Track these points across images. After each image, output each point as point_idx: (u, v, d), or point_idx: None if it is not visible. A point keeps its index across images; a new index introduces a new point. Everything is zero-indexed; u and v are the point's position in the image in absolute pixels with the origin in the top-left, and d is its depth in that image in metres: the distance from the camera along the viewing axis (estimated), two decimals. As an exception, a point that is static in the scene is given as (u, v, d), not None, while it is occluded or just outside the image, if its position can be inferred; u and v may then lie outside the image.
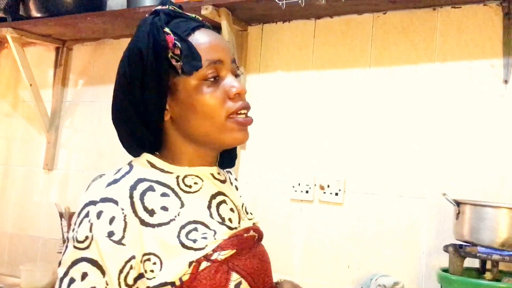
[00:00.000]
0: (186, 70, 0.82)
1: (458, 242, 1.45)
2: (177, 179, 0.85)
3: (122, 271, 0.76)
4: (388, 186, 1.75)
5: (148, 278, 0.77)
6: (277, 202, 1.92)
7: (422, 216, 1.68)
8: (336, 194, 1.82)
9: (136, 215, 0.78)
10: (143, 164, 0.86)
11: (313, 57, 1.94)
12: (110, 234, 0.76)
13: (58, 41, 2.50)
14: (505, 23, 1.62)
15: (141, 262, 0.77)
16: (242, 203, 0.97)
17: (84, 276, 0.75)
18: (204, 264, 0.79)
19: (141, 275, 0.78)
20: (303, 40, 1.96)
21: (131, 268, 0.76)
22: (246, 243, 0.86)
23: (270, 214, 1.92)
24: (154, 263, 0.77)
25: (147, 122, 0.85)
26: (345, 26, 1.88)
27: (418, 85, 1.74)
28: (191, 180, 0.87)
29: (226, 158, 0.95)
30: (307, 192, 1.86)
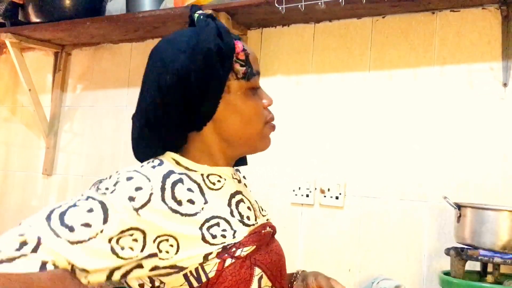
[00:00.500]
0: (248, 76, 0.89)
1: (459, 245, 1.45)
2: (202, 176, 0.89)
3: (123, 232, 0.77)
4: (388, 189, 1.75)
5: (160, 258, 0.80)
6: (277, 206, 1.92)
7: (423, 219, 1.69)
8: (336, 197, 1.82)
9: (163, 200, 0.81)
10: (170, 161, 0.90)
11: (312, 60, 1.94)
12: (131, 198, 0.78)
13: (57, 46, 2.50)
14: (504, 27, 1.63)
15: (154, 241, 0.79)
16: (255, 200, 1.01)
17: (89, 210, 0.77)
18: (229, 261, 0.82)
19: (153, 255, 0.79)
20: (303, 44, 1.96)
21: (131, 235, 0.77)
22: (264, 239, 0.91)
23: (270, 218, 1.92)
24: (171, 245, 0.80)
25: (188, 122, 0.88)
26: (344, 30, 1.89)
27: (418, 88, 1.75)
28: (215, 178, 0.91)
29: (238, 161, 1.00)
30: (308, 196, 1.86)
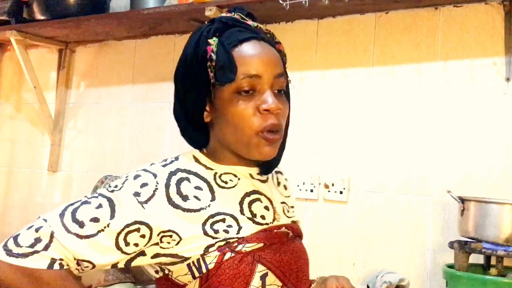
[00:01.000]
0: (218, 81, 0.86)
1: (463, 238, 1.47)
2: (214, 175, 0.91)
3: (128, 226, 0.82)
4: (392, 184, 1.76)
5: (161, 247, 0.85)
6: (281, 201, 1.94)
7: (426, 213, 1.70)
8: (340, 192, 1.83)
9: (167, 195, 0.84)
10: (189, 158, 0.93)
11: (316, 56, 1.95)
12: (136, 194, 0.83)
13: (61, 43, 2.51)
14: (506, 22, 1.64)
15: (157, 235, 0.83)
16: (284, 202, 1.01)
17: (98, 206, 0.83)
18: (228, 254, 0.84)
19: (155, 244, 0.85)
20: (306, 40, 1.97)
21: (138, 231, 0.82)
22: (276, 238, 0.90)
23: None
24: (174, 240, 0.84)
25: (191, 121, 0.93)
26: (348, 26, 1.90)
27: (421, 83, 1.76)
28: (228, 177, 0.92)
29: (264, 164, 0.96)
30: (312, 191, 1.88)
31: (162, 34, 2.27)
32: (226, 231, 0.85)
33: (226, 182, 0.91)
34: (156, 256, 0.85)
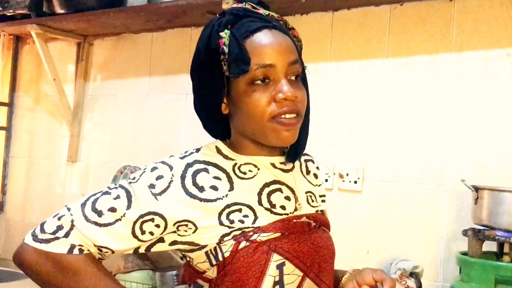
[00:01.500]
0: (232, 73, 0.87)
1: (476, 226, 1.50)
2: (233, 166, 0.93)
3: (143, 216, 0.87)
4: (406, 173, 1.79)
5: (179, 235, 0.89)
6: (297, 190, 1.97)
7: (440, 202, 1.73)
8: (355, 182, 1.87)
9: (183, 186, 0.87)
10: (211, 149, 0.95)
11: (331, 48, 1.98)
12: (151, 186, 0.88)
13: (80, 36, 2.56)
14: (521, 13, 1.65)
15: (174, 225, 0.87)
16: (310, 191, 1.00)
17: (116, 197, 0.88)
18: (243, 243, 0.86)
19: (172, 232, 0.89)
20: (321, 32, 2.00)
21: (152, 221, 0.87)
22: (295, 228, 0.91)
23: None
24: (190, 228, 0.88)
25: (210, 114, 0.95)
26: (362, 18, 1.92)
27: (435, 75, 1.78)
28: (247, 167, 0.93)
29: (290, 150, 0.97)
30: (327, 180, 1.91)
31: (179, 27, 2.31)
32: (242, 221, 0.87)
33: (245, 173, 0.92)
34: (173, 243, 0.89)
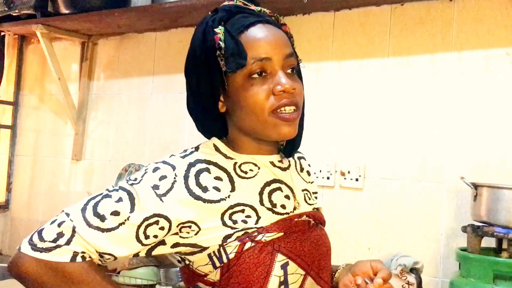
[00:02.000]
0: (229, 68, 0.86)
1: (475, 223, 1.52)
2: (234, 165, 0.91)
3: (147, 219, 0.84)
4: (406, 171, 1.82)
5: (181, 237, 0.86)
6: (299, 188, 2.00)
7: (440, 199, 1.75)
8: (356, 179, 1.89)
9: (187, 187, 0.85)
10: (209, 147, 0.93)
11: (332, 48, 2.01)
12: (155, 187, 0.85)
13: (84, 35, 2.59)
14: (520, 13, 1.68)
15: (177, 226, 0.85)
16: (306, 189, 1.00)
17: (118, 200, 0.85)
18: (248, 244, 0.85)
19: (174, 234, 0.86)
20: (323, 31, 2.02)
21: (157, 223, 0.84)
22: (296, 227, 0.91)
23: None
24: (193, 230, 0.86)
25: (207, 112, 0.93)
26: (363, 18, 1.95)
27: (436, 73, 1.80)
28: (247, 167, 0.92)
29: (287, 146, 0.97)
30: (328, 178, 1.94)
31: (182, 26, 2.33)
32: (245, 221, 0.86)
33: (246, 172, 0.91)
34: (175, 245, 0.87)
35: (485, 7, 1.74)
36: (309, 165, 1.09)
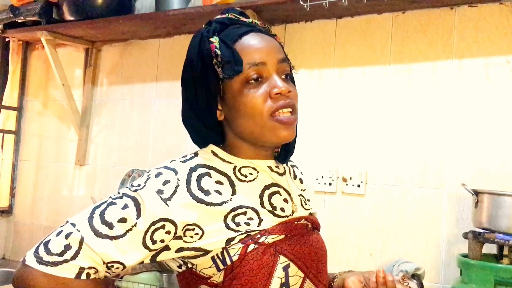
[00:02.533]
0: (226, 75, 0.89)
1: (476, 229, 1.54)
2: (234, 169, 0.94)
3: (154, 224, 0.84)
4: (408, 177, 1.83)
5: (185, 241, 0.87)
6: (301, 194, 2.01)
7: (441, 205, 1.77)
8: (358, 186, 1.91)
9: (189, 191, 0.87)
10: (208, 153, 0.95)
11: (334, 55, 2.02)
12: (159, 191, 0.86)
13: (88, 42, 2.61)
14: (520, 21, 1.70)
15: (182, 230, 0.86)
16: (301, 195, 1.04)
17: (124, 207, 0.85)
18: (252, 246, 0.87)
19: (178, 238, 0.87)
20: (325, 39, 2.04)
21: (163, 228, 0.85)
22: (296, 230, 0.93)
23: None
24: (196, 234, 0.87)
25: (205, 121, 0.95)
26: (365, 25, 1.97)
27: (436, 81, 1.82)
28: (247, 170, 0.94)
29: (282, 152, 1.00)
30: (330, 184, 1.95)
31: (185, 33, 2.36)
32: (248, 224, 0.88)
33: (245, 176, 0.93)
34: (180, 250, 0.88)
35: (485, 15, 1.76)
36: (301, 173, 1.12)
